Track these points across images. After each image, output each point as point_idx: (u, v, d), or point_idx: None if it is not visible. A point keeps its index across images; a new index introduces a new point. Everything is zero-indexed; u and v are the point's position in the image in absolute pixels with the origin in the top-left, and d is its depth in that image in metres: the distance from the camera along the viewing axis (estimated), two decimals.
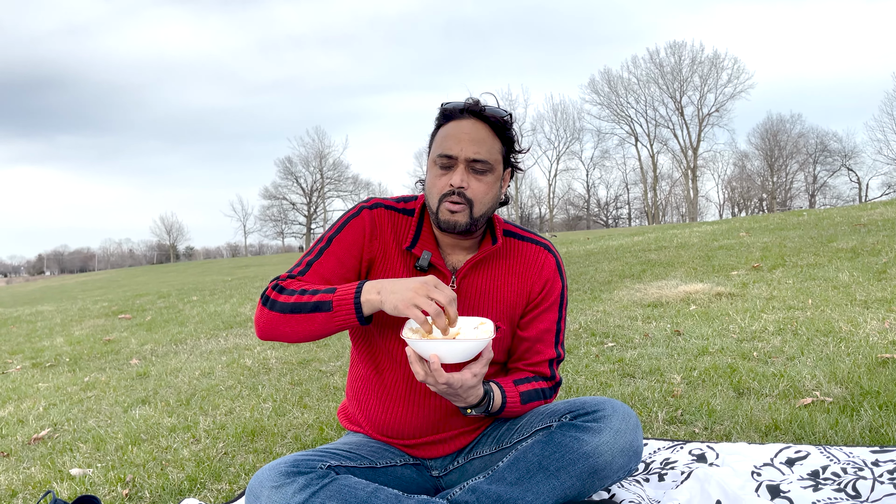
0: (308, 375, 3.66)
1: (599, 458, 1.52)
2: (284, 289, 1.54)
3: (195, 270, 26.75)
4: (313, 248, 1.64)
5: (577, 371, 3.17)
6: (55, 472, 2.39)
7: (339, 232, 1.64)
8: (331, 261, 1.61)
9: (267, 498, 1.44)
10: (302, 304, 1.49)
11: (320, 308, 1.47)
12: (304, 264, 1.61)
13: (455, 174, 1.55)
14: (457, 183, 1.54)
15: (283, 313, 1.51)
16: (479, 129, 1.57)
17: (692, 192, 52.46)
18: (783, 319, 3.83)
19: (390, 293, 1.41)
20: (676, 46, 51.83)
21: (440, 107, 1.63)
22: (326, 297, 1.47)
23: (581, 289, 6.00)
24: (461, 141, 1.56)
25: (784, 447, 1.90)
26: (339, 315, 1.46)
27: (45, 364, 5.00)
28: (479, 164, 1.56)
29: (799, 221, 9.77)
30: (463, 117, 1.58)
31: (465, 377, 1.42)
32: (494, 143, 1.60)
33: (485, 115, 1.57)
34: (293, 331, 1.51)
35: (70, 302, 11.81)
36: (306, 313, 1.48)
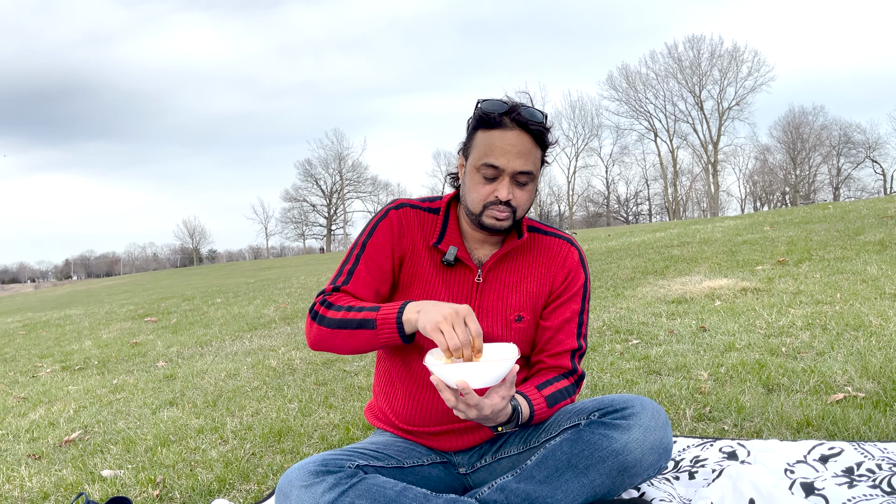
0: (332, 376, 3.68)
1: (629, 455, 1.51)
2: (332, 304, 1.57)
3: (218, 273, 26.98)
4: (350, 256, 1.68)
5: (602, 369, 3.15)
6: (86, 474, 2.42)
7: (371, 236, 1.68)
8: (369, 265, 1.65)
9: (297, 497, 1.45)
10: (348, 320, 1.52)
11: (365, 325, 1.50)
12: (346, 273, 1.65)
13: (501, 188, 1.57)
14: (504, 197, 1.57)
15: (331, 328, 1.54)
16: (524, 140, 1.57)
17: (713, 187, 51.95)
18: (811, 314, 3.77)
19: (424, 313, 1.42)
20: (695, 40, 51.37)
21: (478, 105, 1.61)
22: (371, 315, 1.50)
23: (604, 286, 5.96)
24: (507, 154, 1.56)
25: (817, 444, 1.87)
26: (382, 333, 1.49)
27: (74, 367, 5.07)
28: (524, 177, 1.58)
29: (824, 214, 9.63)
30: (506, 127, 1.57)
31: (495, 401, 1.42)
32: (537, 152, 1.61)
33: (529, 128, 1.57)
34: (342, 345, 1.55)
35: (97, 306, 11.97)
36: (352, 329, 1.52)
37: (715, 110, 51.25)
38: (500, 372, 1.36)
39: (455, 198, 1.74)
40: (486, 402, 1.40)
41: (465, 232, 1.70)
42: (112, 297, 16.24)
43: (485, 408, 1.40)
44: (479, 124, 1.60)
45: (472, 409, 1.39)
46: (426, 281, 1.68)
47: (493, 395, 1.42)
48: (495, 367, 1.35)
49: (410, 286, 1.68)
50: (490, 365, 1.34)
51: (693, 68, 51.03)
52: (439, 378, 1.37)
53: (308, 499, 1.43)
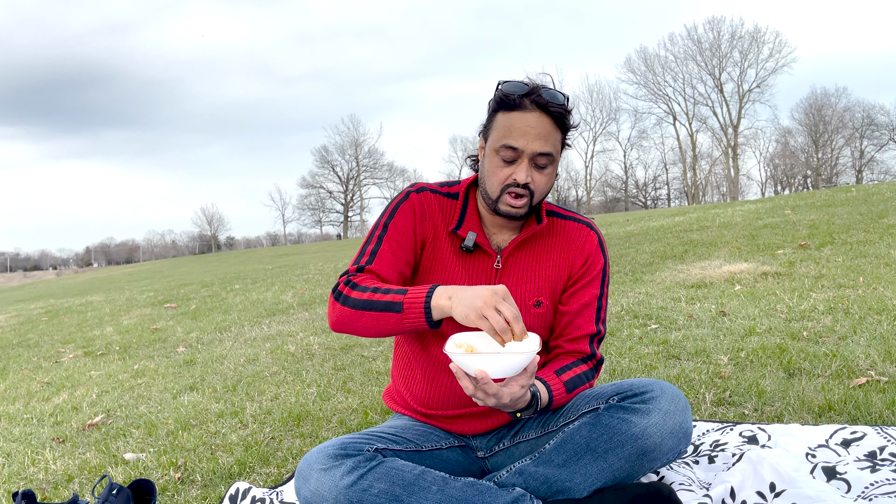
0: (351, 361, 3.69)
1: (648, 439, 1.50)
2: (357, 285, 1.54)
3: (236, 260, 27.18)
4: (372, 237, 1.65)
5: (620, 353, 3.13)
6: (109, 457, 2.45)
7: (393, 217, 1.66)
8: (392, 246, 1.63)
9: (316, 480, 1.45)
10: (374, 302, 1.49)
11: (391, 308, 1.47)
12: (369, 253, 1.62)
13: (520, 170, 1.56)
14: (522, 180, 1.56)
15: (356, 309, 1.51)
16: (543, 122, 1.56)
17: (733, 171, 51.35)
18: (833, 298, 3.73)
19: (460, 300, 1.39)
20: (715, 21, 50.55)
21: (498, 87, 1.60)
22: (397, 297, 1.47)
23: (622, 271, 5.92)
24: (527, 135, 1.55)
25: (839, 428, 1.85)
26: (409, 317, 1.46)
27: (96, 353, 5.14)
28: (544, 159, 1.57)
29: (847, 198, 9.49)
30: (526, 108, 1.56)
31: (514, 390, 1.41)
32: (557, 134, 1.59)
33: (549, 109, 1.55)
34: (365, 327, 1.52)
35: (118, 292, 12.11)
36: (378, 312, 1.49)
37: (735, 93, 50.53)
38: (520, 364, 1.36)
39: (474, 182, 1.73)
40: (505, 390, 1.40)
41: (484, 217, 1.70)
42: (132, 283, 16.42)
43: (503, 396, 1.40)
44: (499, 106, 1.59)
45: (490, 397, 1.39)
46: (446, 266, 1.67)
47: (513, 384, 1.41)
48: (515, 358, 1.34)
49: (431, 271, 1.67)
50: (510, 357, 1.34)
51: (713, 50, 50.29)
52: (458, 366, 1.37)
53: (327, 481, 1.44)
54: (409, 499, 1.44)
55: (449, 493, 1.47)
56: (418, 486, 1.46)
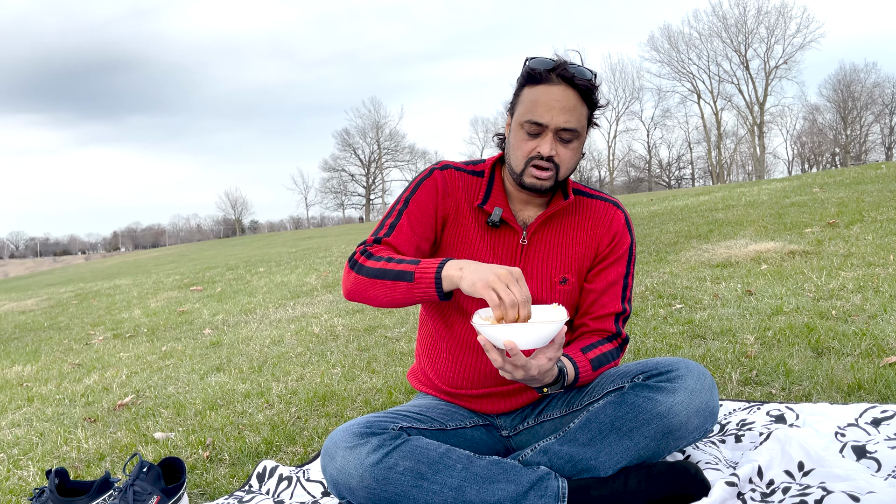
0: (374, 342, 3.71)
1: (674, 418, 1.49)
2: (372, 254, 1.56)
3: (260, 243, 27.41)
4: (393, 210, 1.67)
5: (645, 333, 3.11)
6: (139, 436, 2.50)
7: (415, 193, 1.67)
8: (411, 220, 1.64)
9: (342, 458, 1.47)
10: (386, 270, 1.51)
11: (403, 277, 1.48)
12: (388, 226, 1.64)
13: (544, 143, 1.56)
14: (546, 152, 1.55)
15: (369, 277, 1.53)
16: (569, 96, 1.55)
17: (759, 150, 50.53)
18: (863, 277, 3.66)
19: (471, 271, 1.39)
20: None
21: (525, 62, 1.60)
22: (410, 267, 1.48)
23: (646, 250, 5.87)
24: (552, 109, 1.54)
25: (869, 407, 1.82)
26: (420, 287, 1.46)
27: (125, 335, 5.22)
28: (568, 133, 1.56)
29: (877, 175, 9.30)
30: (552, 82, 1.55)
31: (542, 362, 1.40)
32: (583, 109, 1.58)
33: (574, 82, 1.54)
34: (376, 295, 1.53)
35: (145, 276, 12.28)
36: (390, 280, 1.50)
37: (761, 70, 49.58)
38: (549, 333, 1.35)
39: (500, 160, 1.73)
40: (533, 362, 1.39)
41: (510, 193, 1.70)
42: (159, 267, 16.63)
43: (532, 368, 1.39)
44: (525, 81, 1.60)
45: (518, 369, 1.38)
46: (470, 242, 1.67)
47: (541, 357, 1.41)
48: (544, 328, 1.33)
49: (454, 247, 1.68)
50: (539, 326, 1.33)
51: (738, 26, 49.31)
52: (486, 338, 1.36)
53: (353, 460, 1.46)
54: (434, 476, 1.45)
55: (473, 470, 1.47)
56: (443, 465, 1.47)
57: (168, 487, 1.78)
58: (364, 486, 1.44)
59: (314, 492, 1.77)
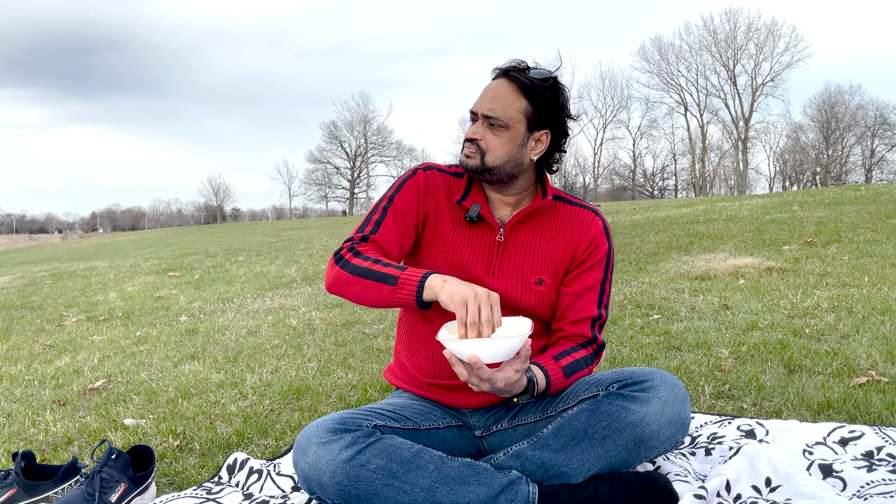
0: (352, 337, 3.70)
1: (646, 427, 1.51)
2: (360, 253, 1.60)
3: (241, 231, 27.22)
4: (377, 208, 1.71)
5: (621, 342, 3.13)
6: (109, 422, 2.47)
7: (399, 191, 1.72)
8: (396, 218, 1.68)
9: (314, 454, 1.46)
10: (372, 271, 1.54)
11: (386, 280, 1.52)
12: (373, 223, 1.68)
13: (472, 127, 1.67)
14: (469, 134, 1.67)
15: (353, 275, 1.56)
16: (502, 87, 1.64)
17: (742, 165, 51.08)
18: (837, 296, 3.72)
19: (452, 285, 1.44)
20: (732, 13, 50.10)
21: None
22: (395, 272, 1.52)
23: (626, 260, 5.91)
24: (483, 98, 1.66)
25: (837, 426, 1.85)
26: (401, 292, 1.50)
27: (99, 318, 5.16)
28: (492, 120, 1.64)
29: (856, 196, 9.44)
30: (494, 77, 1.67)
31: (508, 374, 1.44)
32: (515, 101, 1.64)
33: (510, 75, 1.64)
34: (357, 293, 1.56)
35: (122, 259, 12.15)
36: (373, 281, 1.54)
37: (748, 86, 50.15)
38: (512, 348, 1.37)
39: None
40: (499, 375, 1.42)
41: (489, 194, 1.75)
42: (137, 250, 16.46)
43: (497, 381, 1.42)
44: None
45: (484, 382, 1.42)
46: (448, 239, 1.70)
47: (507, 369, 1.44)
48: (506, 343, 1.36)
49: (433, 244, 1.71)
50: (501, 341, 1.35)
51: (728, 42, 49.83)
52: (451, 352, 1.39)
53: (325, 455, 1.45)
54: (405, 476, 1.45)
55: (445, 472, 1.47)
56: (415, 464, 1.47)
57: (136, 476, 1.76)
58: (335, 483, 1.44)
59: (284, 486, 1.76)
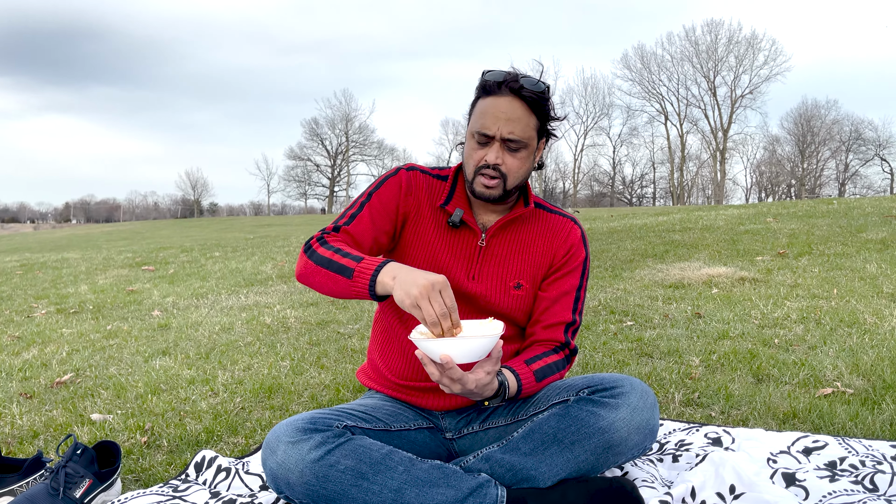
0: (326, 336, 3.69)
1: (615, 433, 1.52)
2: (326, 242, 1.58)
3: (218, 227, 26.98)
4: (356, 202, 1.71)
5: (594, 348, 3.16)
6: (76, 416, 2.44)
7: (379, 188, 1.71)
8: (372, 213, 1.68)
9: (283, 453, 1.46)
10: (332, 262, 1.52)
11: (343, 272, 1.50)
12: (348, 216, 1.67)
13: (490, 151, 1.61)
14: (492, 160, 1.61)
15: (317, 265, 1.55)
16: (515, 107, 1.60)
17: (720, 175, 51.74)
18: (807, 308, 3.78)
19: (400, 284, 1.40)
20: (713, 24, 50.74)
21: (481, 75, 1.66)
22: (352, 264, 1.49)
23: (602, 266, 5.96)
24: (498, 120, 1.60)
25: (802, 436, 1.88)
26: (356, 285, 1.48)
27: (69, 310, 5.09)
28: (514, 143, 1.61)
29: (828, 210, 9.60)
30: (501, 93, 1.61)
31: (479, 376, 1.44)
32: (530, 119, 1.63)
33: (521, 94, 1.60)
34: (321, 284, 1.55)
35: (95, 251, 11.98)
36: (332, 272, 1.51)
37: (728, 97, 50.83)
38: (484, 348, 1.37)
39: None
40: (471, 376, 1.42)
41: (471, 198, 1.74)
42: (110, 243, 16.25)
43: (468, 382, 1.42)
44: (479, 93, 1.66)
45: (455, 383, 1.41)
46: (429, 242, 1.70)
47: (478, 371, 1.44)
48: (478, 342, 1.36)
49: (413, 245, 1.72)
50: (473, 341, 1.35)
51: (709, 53, 50.48)
52: (423, 352, 1.39)
53: (295, 455, 1.45)
54: (374, 477, 1.45)
55: (415, 473, 1.48)
56: (385, 466, 1.47)
57: (101, 471, 1.74)
58: (303, 482, 1.44)
59: (252, 485, 1.75)
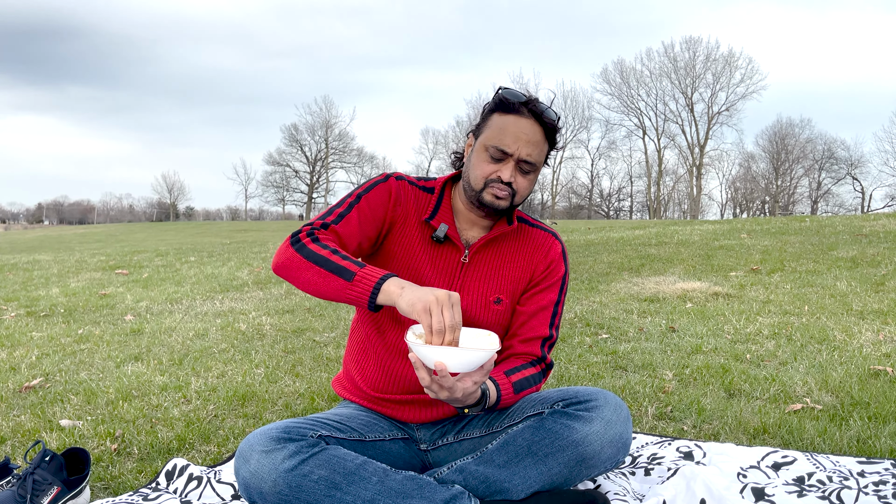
0: (302, 344, 3.67)
1: (588, 447, 1.53)
2: (319, 239, 1.54)
3: (194, 231, 26.72)
4: (343, 202, 1.68)
5: (569, 360, 3.18)
6: (45, 422, 2.40)
7: (368, 192, 1.69)
8: (360, 216, 1.65)
9: (256, 462, 1.45)
10: (328, 260, 1.48)
11: (342, 273, 1.46)
12: (336, 215, 1.64)
13: (506, 169, 1.63)
14: (506, 178, 1.63)
15: (307, 260, 1.50)
16: (535, 131, 1.64)
17: (696, 190, 52.40)
18: (778, 324, 3.84)
19: (412, 291, 1.39)
20: (692, 42, 51.57)
21: (499, 90, 1.67)
22: (353, 267, 1.47)
23: (579, 278, 6.00)
24: (518, 140, 1.62)
25: (771, 451, 1.91)
26: (354, 289, 1.45)
27: (39, 313, 5.00)
28: (528, 165, 1.64)
29: (801, 227, 9.76)
30: (523, 115, 1.63)
31: (467, 385, 1.43)
32: (544, 146, 1.67)
33: (543, 120, 1.63)
34: (307, 279, 1.50)
35: (67, 253, 11.80)
36: (327, 271, 1.48)
37: (705, 113, 51.59)
38: (480, 360, 1.38)
39: (451, 180, 1.79)
40: (459, 385, 1.42)
41: (458, 212, 1.75)
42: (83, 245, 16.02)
43: (457, 391, 1.42)
44: (496, 108, 1.67)
45: (444, 390, 1.41)
46: (412, 254, 1.70)
47: (466, 380, 1.44)
48: (476, 354, 1.37)
49: (396, 256, 1.70)
50: (471, 352, 1.36)
51: (687, 69, 51.24)
52: (418, 357, 1.38)
53: (268, 464, 1.44)
54: (348, 487, 1.45)
55: (388, 484, 1.47)
56: (359, 476, 1.47)
57: (70, 479, 1.71)
58: (276, 492, 1.43)
59: (224, 494, 1.73)
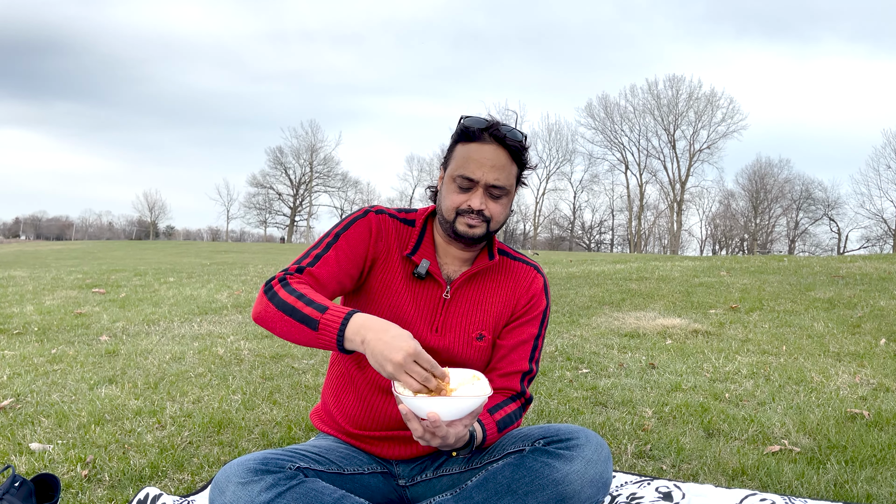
0: (280, 371, 3.63)
1: (569, 486, 1.52)
2: (289, 285, 1.51)
3: (174, 250, 26.48)
4: (321, 242, 1.66)
5: (549, 395, 3.17)
6: (14, 445, 2.34)
7: (347, 229, 1.67)
8: (339, 255, 1.63)
9: (232, 494, 1.42)
10: (294, 309, 1.46)
11: (307, 323, 1.43)
12: (313, 256, 1.62)
13: (475, 197, 1.62)
14: (476, 206, 1.62)
15: (278, 310, 1.47)
16: (499, 155, 1.62)
17: (676, 225, 52.97)
18: (757, 363, 3.86)
19: (373, 350, 1.36)
20: (675, 80, 52.55)
21: (460, 120, 1.67)
22: (316, 314, 1.43)
23: (560, 311, 6.01)
24: (483, 166, 1.61)
25: (750, 494, 1.91)
26: (322, 339, 1.43)
27: (12, 331, 4.91)
28: (497, 190, 1.63)
29: (779, 266, 9.88)
30: (485, 141, 1.62)
31: (459, 430, 1.42)
32: (512, 168, 1.65)
33: (505, 142, 1.62)
34: (282, 331, 1.48)
35: (43, 269, 11.63)
36: (295, 320, 1.45)
37: (686, 150, 52.41)
38: (471, 407, 1.37)
39: (432, 213, 1.77)
40: (451, 431, 1.41)
41: (439, 246, 1.74)
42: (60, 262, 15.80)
43: (450, 437, 1.41)
44: (459, 138, 1.66)
45: (437, 438, 1.40)
46: (394, 291, 1.68)
47: (458, 424, 1.42)
48: (468, 402, 1.36)
49: (379, 293, 1.68)
50: (463, 401, 1.35)
51: (670, 107, 52.15)
52: (409, 409, 1.36)
53: (244, 496, 1.41)
54: None
55: None
56: None
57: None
58: None
59: None
